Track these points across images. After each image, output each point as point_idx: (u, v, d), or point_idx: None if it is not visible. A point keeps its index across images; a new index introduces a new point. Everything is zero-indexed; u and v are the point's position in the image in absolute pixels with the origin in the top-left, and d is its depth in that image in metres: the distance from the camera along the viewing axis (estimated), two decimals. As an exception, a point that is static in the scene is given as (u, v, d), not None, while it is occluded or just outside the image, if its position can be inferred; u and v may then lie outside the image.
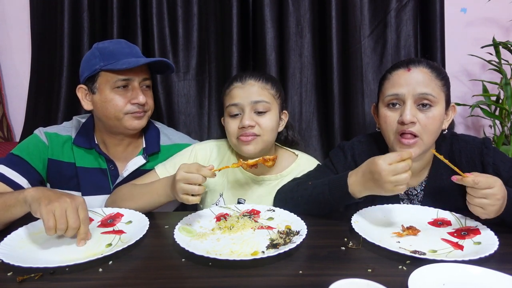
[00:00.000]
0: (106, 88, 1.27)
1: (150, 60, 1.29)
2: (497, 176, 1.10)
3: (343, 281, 0.69)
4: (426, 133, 1.10)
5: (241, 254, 0.89)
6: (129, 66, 1.23)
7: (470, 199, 0.95)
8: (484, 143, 1.17)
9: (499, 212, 0.95)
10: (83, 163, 1.36)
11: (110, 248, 0.94)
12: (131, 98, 1.28)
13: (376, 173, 0.97)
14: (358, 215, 1.08)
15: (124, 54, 1.28)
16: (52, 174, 1.35)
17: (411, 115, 1.09)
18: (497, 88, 2.01)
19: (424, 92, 1.09)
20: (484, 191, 0.93)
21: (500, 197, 0.93)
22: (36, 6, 2.02)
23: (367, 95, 1.94)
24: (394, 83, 1.14)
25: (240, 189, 1.36)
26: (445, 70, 1.21)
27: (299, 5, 1.92)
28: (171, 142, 1.46)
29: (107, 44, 1.31)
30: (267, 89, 1.27)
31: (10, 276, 0.82)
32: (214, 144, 1.41)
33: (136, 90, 1.29)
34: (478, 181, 0.93)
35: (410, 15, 1.93)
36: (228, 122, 1.28)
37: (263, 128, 1.24)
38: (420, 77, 1.11)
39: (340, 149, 1.31)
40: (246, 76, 1.28)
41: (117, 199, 1.23)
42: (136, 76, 1.29)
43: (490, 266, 0.79)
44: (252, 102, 1.24)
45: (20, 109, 2.10)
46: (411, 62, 1.15)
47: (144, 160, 1.38)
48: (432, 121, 1.10)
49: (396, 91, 1.12)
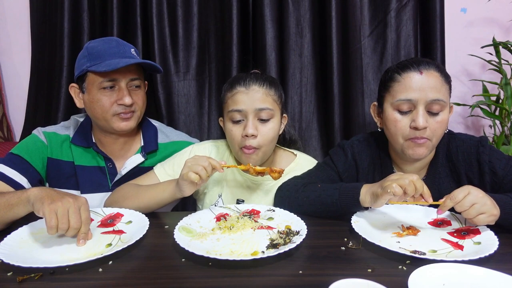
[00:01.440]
0: (93, 88, 1.27)
1: (131, 62, 1.25)
2: (493, 174, 1.13)
3: (343, 281, 0.69)
4: (435, 136, 1.12)
5: (241, 254, 0.89)
6: (108, 69, 1.22)
7: (467, 214, 0.95)
8: (480, 141, 1.17)
9: (497, 206, 0.95)
10: (81, 162, 1.37)
11: (110, 248, 0.94)
12: (117, 99, 1.27)
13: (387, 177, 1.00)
14: (358, 215, 1.08)
15: (110, 54, 1.26)
16: (52, 173, 1.35)
17: (424, 121, 1.08)
18: (497, 88, 2.01)
19: (436, 98, 1.08)
20: (467, 199, 0.94)
21: (482, 195, 0.95)
22: (36, 6, 2.03)
23: (367, 95, 1.95)
24: (406, 87, 1.11)
25: (239, 190, 1.36)
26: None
27: (299, 5, 1.92)
28: (168, 139, 1.46)
29: (96, 44, 1.30)
30: (271, 95, 1.25)
31: (10, 276, 0.82)
32: (213, 145, 1.41)
33: (122, 91, 1.27)
34: (454, 196, 0.95)
35: (410, 15, 1.93)
36: (231, 129, 1.26)
37: (264, 139, 1.23)
38: (432, 82, 1.09)
39: (340, 148, 1.31)
40: (250, 81, 1.25)
41: (119, 198, 1.22)
42: (122, 77, 1.27)
43: (490, 266, 0.79)
44: (256, 110, 1.22)
45: (20, 109, 2.11)
46: (421, 63, 1.12)
47: (143, 158, 1.38)
48: (441, 125, 1.11)
49: (409, 96, 1.10)
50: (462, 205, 0.94)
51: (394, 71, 1.15)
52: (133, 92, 1.31)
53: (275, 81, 1.32)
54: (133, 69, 1.29)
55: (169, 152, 1.42)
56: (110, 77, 1.25)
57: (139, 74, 1.33)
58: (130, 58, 1.28)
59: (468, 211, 0.94)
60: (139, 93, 1.33)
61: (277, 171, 1.15)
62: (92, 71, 1.24)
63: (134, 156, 1.39)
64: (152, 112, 1.99)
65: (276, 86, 1.29)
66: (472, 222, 0.97)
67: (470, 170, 1.17)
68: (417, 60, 1.14)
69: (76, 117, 1.42)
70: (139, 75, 1.33)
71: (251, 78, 1.26)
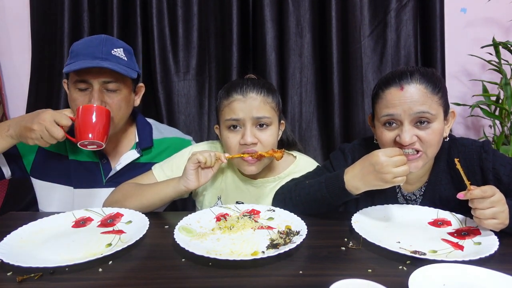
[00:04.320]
0: (71, 87, 1.27)
1: (91, 65, 1.19)
2: (497, 181, 1.09)
3: (343, 281, 0.69)
4: (428, 147, 1.08)
5: (241, 254, 0.89)
6: (70, 70, 1.20)
7: (480, 214, 0.92)
8: (483, 147, 1.14)
9: (508, 218, 0.93)
10: (75, 157, 1.37)
11: (110, 248, 0.94)
12: (88, 101, 1.23)
13: (377, 164, 0.97)
14: (358, 215, 1.08)
15: (85, 54, 1.22)
16: (43, 165, 1.35)
17: (410, 136, 1.05)
18: (497, 88, 2.01)
19: (421, 111, 1.05)
20: (491, 199, 0.91)
21: (504, 202, 0.92)
22: (36, 6, 2.02)
23: (367, 95, 1.95)
24: (387, 104, 1.08)
25: (239, 192, 1.35)
26: (439, 75, 1.16)
27: (299, 5, 1.92)
28: (162, 136, 1.46)
29: (80, 43, 1.29)
30: (268, 102, 1.23)
31: (10, 276, 0.81)
32: (211, 146, 1.40)
33: (93, 93, 1.23)
34: (485, 189, 0.91)
35: (410, 15, 1.93)
36: (228, 137, 1.23)
37: (264, 146, 1.22)
38: (415, 95, 1.05)
39: (341, 151, 1.30)
40: (247, 88, 1.21)
41: (120, 198, 1.22)
42: (93, 79, 1.22)
43: (490, 266, 0.79)
44: (254, 118, 1.20)
45: (20, 109, 2.11)
46: (403, 78, 1.07)
47: (138, 154, 1.38)
48: (433, 136, 1.07)
49: (391, 112, 1.07)
50: (483, 202, 0.92)
51: (378, 87, 1.13)
52: (107, 95, 1.26)
53: (272, 87, 1.29)
54: (107, 71, 1.23)
55: (162, 148, 1.42)
56: (82, 78, 1.23)
57: (116, 77, 1.25)
58: (104, 61, 1.22)
59: (484, 211, 0.92)
60: (114, 97, 1.27)
61: (278, 151, 1.23)
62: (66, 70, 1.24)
63: (129, 152, 1.39)
64: (152, 112, 1.99)
65: (274, 93, 1.27)
66: (479, 223, 0.95)
67: (473, 178, 1.13)
68: (400, 74, 1.09)
69: None
70: (116, 78, 1.25)
71: (248, 85, 1.22)
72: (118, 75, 1.25)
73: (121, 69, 1.24)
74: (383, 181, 0.98)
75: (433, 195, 1.19)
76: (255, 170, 1.25)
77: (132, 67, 1.31)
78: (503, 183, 1.09)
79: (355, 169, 1.05)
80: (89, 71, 1.21)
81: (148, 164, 1.37)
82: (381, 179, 0.98)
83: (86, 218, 1.12)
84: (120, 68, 1.24)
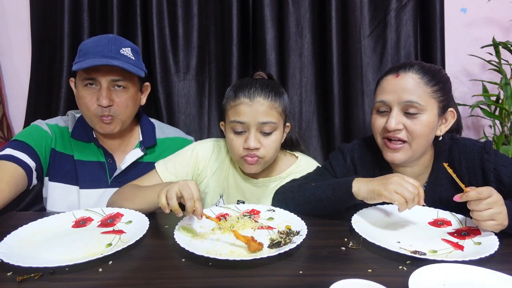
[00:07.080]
0: (80, 85, 1.28)
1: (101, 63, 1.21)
2: (499, 182, 1.09)
3: (344, 281, 0.69)
4: (414, 138, 1.09)
5: (241, 254, 0.89)
6: (80, 68, 1.21)
7: (477, 215, 0.92)
8: (484, 147, 1.13)
9: (506, 219, 0.93)
10: (81, 156, 1.36)
11: (110, 248, 0.94)
12: (96, 98, 1.25)
13: (390, 177, 0.99)
14: (358, 215, 1.08)
15: (94, 53, 1.23)
16: (53, 165, 1.35)
17: (396, 122, 1.08)
18: (497, 88, 2.01)
19: (409, 100, 1.07)
20: (487, 201, 0.91)
21: (502, 202, 0.92)
22: (36, 6, 2.02)
23: (367, 95, 1.95)
24: (382, 90, 1.13)
25: (240, 191, 1.36)
26: (444, 71, 1.16)
27: (299, 5, 1.92)
28: (164, 135, 1.47)
29: (89, 41, 1.30)
30: (275, 107, 1.22)
31: (10, 276, 0.81)
32: (216, 144, 1.40)
33: (101, 91, 1.25)
34: (481, 191, 0.91)
35: (410, 15, 1.93)
36: (232, 139, 1.24)
37: (267, 151, 1.23)
38: (408, 83, 1.08)
39: (340, 151, 1.31)
40: (255, 91, 1.20)
41: (118, 200, 1.22)
42: (102, 77, 1.24)
43: (490, 266, 0.79)
44: (259, 123, 1.20)
45: (20, 109, 2.10)
46: (402, 67, 1.12)
47: (142, 152, 1.39)
48: (420, 127, 1.08)
49: (383, 98, 1.12)
50: (479, 204, 0.91)
51: (381, 77, 1.18)
52: (115, 93, 1.28)
53: (281, 90, 1.28)
54: (115, 70, 1.25)
55: (165, 148, 1.43)
56: (91, 75, 1.25)
57: (125, 75, 1.28)
58: (113, 59, 1.23)
59: (481, 212, 0.92)
60: (122, 95, 1.28)
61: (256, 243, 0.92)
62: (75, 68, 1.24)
63: (134, 151, 1.40)
64: (152, 112, 1.99)
65: (281, 97, 1.26)
66: (477, 224, 0.95)
67: (474, 179, 1.13)
68: (402, 63, 1.14)
69: (73, 112, 1.42)
70: (125, 76, 1.28)
71: (256, 88, 1.21)
72: (126, 74, 1.28)
73: (130, 68, 1.26)
74: (383, 187, 0.97)
75: (433, 195, 1.19)
76: (255, 169, 1.26)
77: (140, 67, 1.33)
78: (504, 184, 1.09)
79: (368, 178, 1.05)
80: (98, 69, 1.23)
81: (151, 164, 1.37)
82: (383, 184, 0.98)
83: (86, 218, 1.12)
84: (129, 67, 1.26)
